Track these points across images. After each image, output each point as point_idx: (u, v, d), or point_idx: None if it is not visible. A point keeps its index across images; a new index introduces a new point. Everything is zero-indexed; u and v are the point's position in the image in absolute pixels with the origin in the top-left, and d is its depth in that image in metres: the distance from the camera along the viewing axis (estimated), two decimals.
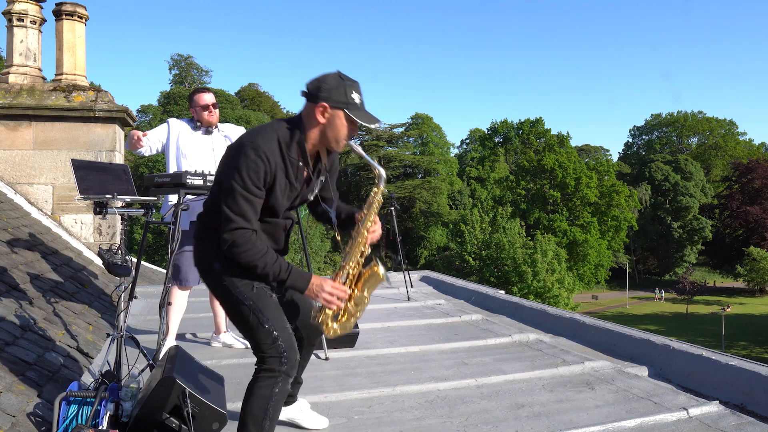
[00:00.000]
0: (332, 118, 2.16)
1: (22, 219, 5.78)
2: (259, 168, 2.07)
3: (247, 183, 2.07)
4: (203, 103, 4.08)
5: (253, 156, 2.07)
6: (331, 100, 2.14)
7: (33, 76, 6.83)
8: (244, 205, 2.08)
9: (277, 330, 2.17)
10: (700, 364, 3.49)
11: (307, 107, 2.19)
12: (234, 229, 2.08)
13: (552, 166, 52.32)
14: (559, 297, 32.42)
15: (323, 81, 2.16)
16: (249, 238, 2.09)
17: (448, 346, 4.33)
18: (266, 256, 2.11)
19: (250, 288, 2.19)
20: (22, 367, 3.00)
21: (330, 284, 2.19)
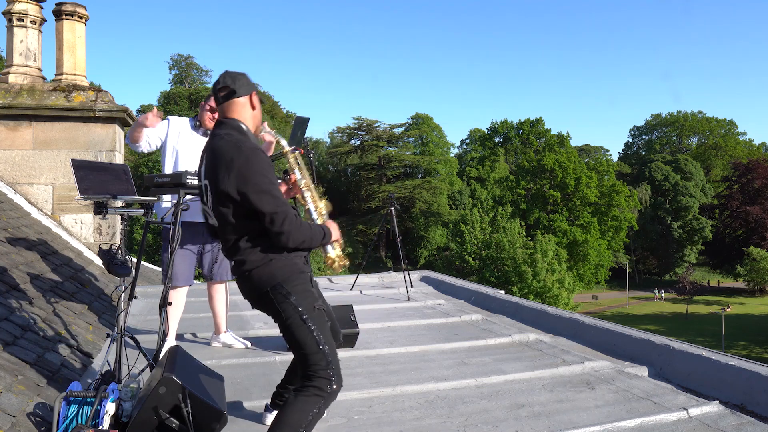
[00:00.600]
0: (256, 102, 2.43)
1: (22, 219, 5.78)
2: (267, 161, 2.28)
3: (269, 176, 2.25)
4: (211, 105, 4.10)
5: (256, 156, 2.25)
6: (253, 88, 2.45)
7: (33, 76, 6.83)
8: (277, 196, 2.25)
9: (331, 354, 2.29)
10: (700, 364, 3.49)
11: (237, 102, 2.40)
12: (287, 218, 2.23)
13: (552, 166, 52.33)
14: (559, 297, 32.42)
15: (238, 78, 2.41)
16: (294, 219, 2.27)
17: (448, 346, 4.33)
18: (311, 227, 2.36)
19: (312, 309, 2.31)
20: (22, 367, 3.00)
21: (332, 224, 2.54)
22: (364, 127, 58.01)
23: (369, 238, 51.68)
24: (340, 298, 6.15)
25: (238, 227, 2.31)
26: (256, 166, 2.23)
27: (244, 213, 2.28)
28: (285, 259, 2.31)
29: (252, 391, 3.34)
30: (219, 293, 4.25)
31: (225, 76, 2.42)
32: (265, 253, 2.30)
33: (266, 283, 2.30)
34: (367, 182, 56.90)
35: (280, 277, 2.29)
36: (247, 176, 2.23)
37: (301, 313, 2.28)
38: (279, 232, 2.23)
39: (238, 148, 2.27)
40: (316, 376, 2.25)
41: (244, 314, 5.37)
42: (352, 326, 4.20)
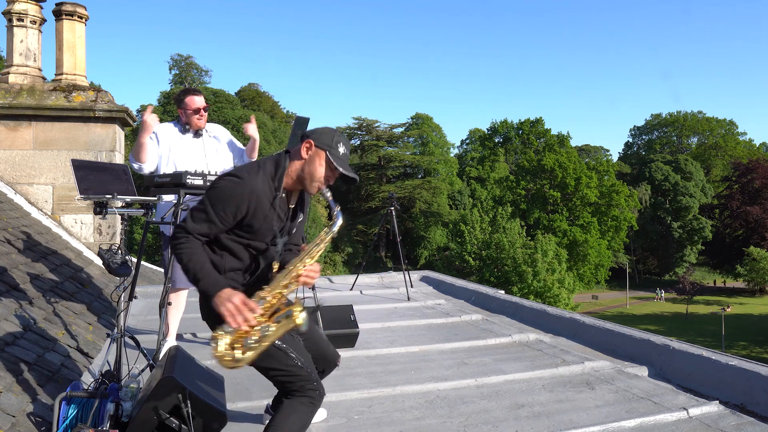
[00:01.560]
0: (314, 156, 2.26)
1: (22, 219, 5.78)
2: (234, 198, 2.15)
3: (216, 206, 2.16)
4: (195, 107, 4.02)
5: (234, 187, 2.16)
6: (317, 141, 2.26)
7: (33, 76, 6.83)
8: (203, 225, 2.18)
9: (307, 364, 2.28)
10: (700, 364, 3.49)
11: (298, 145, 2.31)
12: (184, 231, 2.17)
13: (552, 166, 52.33)
14: (560, 297, 32.42)
15: (318, 129, 2.33)
16: (189, 240, 2.16)
17: (448, 346, 4.33)
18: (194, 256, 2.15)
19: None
20: (22, 367, 3.00)
21: (241, 298, 2.08)
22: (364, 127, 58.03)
23: (369, 238, 51.67)
24: (340, 298, 6.15)
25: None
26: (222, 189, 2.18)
27: None
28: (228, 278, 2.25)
29: (252, 391, 3.34)
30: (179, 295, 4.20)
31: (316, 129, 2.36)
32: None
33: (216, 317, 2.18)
34: (367, 182, 56.87)
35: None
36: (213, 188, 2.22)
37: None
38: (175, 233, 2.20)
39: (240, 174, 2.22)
40: (306, 390, 2.25)
41: None
42: (352, 326, 4.19)
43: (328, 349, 2.55)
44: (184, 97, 4.07)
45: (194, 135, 4.10)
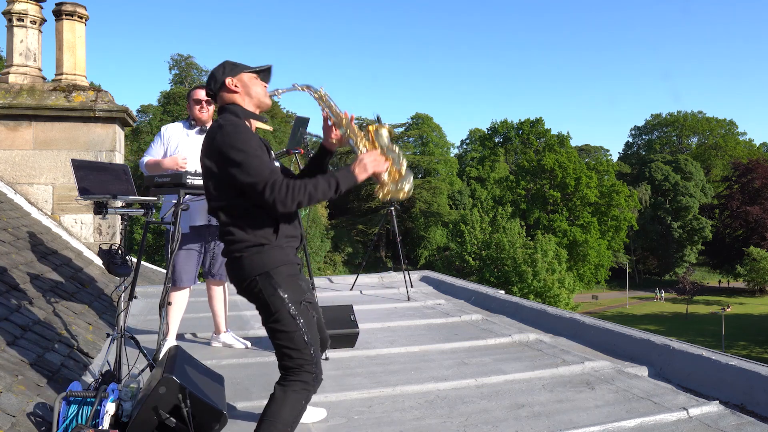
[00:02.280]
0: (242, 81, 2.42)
1: (22, 219, 5.78)
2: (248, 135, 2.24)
3: (249, 150, 2.19)
4: (195, 97, 4.12)
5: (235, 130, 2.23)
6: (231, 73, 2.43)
7: (33, 76, 6.83)
8: (260, 165, 2.17)
9: (315, 351, 2.27)
10: (700, 364, 3.49)
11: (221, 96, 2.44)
12: (268, 186, 2.15)
13: (552, 166, 52.33)
14: (560, 297, 32.43)
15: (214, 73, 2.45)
16: (283, 182, 2.16)
17: (448, 346, 4.33)
18: (309, 184, 2.20)
19: (299, 303, 2.24)
20: (22, 367, 2.99)
21: (366, 156, 2.31)
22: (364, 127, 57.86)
23: (369, 238, 51.67)
24: (340, 298, 6.15)
25: (227, 209, 2.28)
26: (228, 140, 2.20)
27: (232, 192, 2.24)
28: (276, 247, 2.25)
29: (252, 391, 3.34)
30: (218, 293, 4.25)
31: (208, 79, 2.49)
32: (256, 237, 2.24)
33: (254, 271, 2.23)
34: (367, 182, 56.61)
35: (269, 266, 2.23)
36: (226, 152, 2.20)
37: (289, 307, 2.22)
38: (264, 202, 2.17)
39: (214, 127, 2.30)
40: (302, 371, 2.23)
41: (244, 314, 5.37)
42: (352, 326, 4.20)
43: (324, 333, 2.60)
44: (191, 91, 4.20)
45: (199, 131, 4.14)
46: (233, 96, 2.41)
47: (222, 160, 2.21)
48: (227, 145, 2.20)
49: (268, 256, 2.23)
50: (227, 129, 2.24)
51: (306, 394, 2.24)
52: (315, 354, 2.26)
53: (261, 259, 2.23)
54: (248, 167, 2.16)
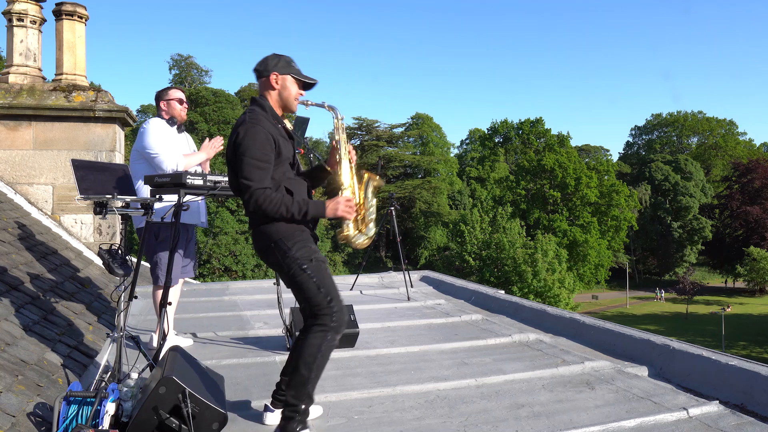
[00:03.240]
0: (284, 82, 2.72)
1: (22, 219, 5.78)
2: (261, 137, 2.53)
3: (255, 153, 2.51)
4: (179, 97, 4.12)
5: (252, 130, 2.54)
6: (280, 70, 2.72)
7: (33, 76, 6.83)
8: (254, 171, 2.51)
9: (330, 294, 2.57)
10: (700, 364, 3.49)
11: (262, 82, 2.75)
12: (249, 191, 2.51)
13: (552, 166, 52.31)
14: (560, 297, 32.43)
15: (268, 59, 2.73)
16: (263, 193, 2.51)
17: (448, 346, 4.33)
18: (284, 201, 2.53)
19: (310, 260, 2.58)
20: (22, 367, 3.00)
21: (342, 198, 2.64)
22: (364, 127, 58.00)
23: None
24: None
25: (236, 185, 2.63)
26: (244, 139, 2.53)
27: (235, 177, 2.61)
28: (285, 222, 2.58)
29: (252, 391, 3.34)
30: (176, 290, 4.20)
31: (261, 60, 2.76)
32: None
33: (269, 238, 2.60)
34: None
35: (282, 234, 2.58)
36: (236, 146, 2.55)
37: (299, 263, 2.56)
38: (245, 203, 2.54)
39: (239, 121, 2.62)
40: (320, 314, 2.55)
41: (244, 314, 5.37)
42: (352, 326, 4.19)
43: None
44: (167, 90, 4.19)
45: (179, 130, 4.16)
46: (269, 90, 2.73)
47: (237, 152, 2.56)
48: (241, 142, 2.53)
49: (280, 225, 2.58)
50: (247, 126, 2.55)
51: (324, 334, 2.53)
52: (331, 297, 2.55)
53: (275, 228, 2.58)
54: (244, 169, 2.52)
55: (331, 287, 2.58)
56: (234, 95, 50.75)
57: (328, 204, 2.61)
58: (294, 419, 2.56)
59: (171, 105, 4.12)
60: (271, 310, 5.34)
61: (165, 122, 4.13)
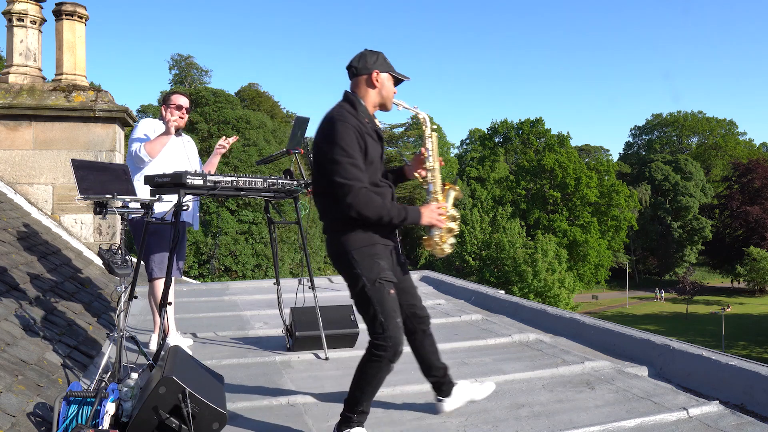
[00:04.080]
0: (383, 81, 2.65)
1: (22, 219, 5.78)
2: (352, 135, 2.46)
3: (349, 150, 2.44)
4: (178, 103, 4.14)
5: (343, 128, 2.46)
6: (380, 67, 2.65)
7: (33, 76, 6.83)
8: (352, 170, 2.43)
9: (388, 323, 2.52)
10: (700, 364, 3.48)
11: (359, 80, 2.65)
12: (352, 191, 2.42)
13: (552, 166, 52.31)
14: (560, 297, 32.42)
15: (366, 56, 2.65)
16: (365, 194, 2.44)
17: (448, 346, 4.33)
18: (385, 205, 2.49)
19: (374, 282, 2.52)
20: (22, 367, 2.99)
21: (434, 206, 2.64)
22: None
23: None
24: (340, 298, 6.14)
25: (321, 188, 2.60)
26: (334, 136, 2.45)
27: (323, 178, 2.54)
28: (361, 231, 2.52)
29: (252, 391, 3.33)
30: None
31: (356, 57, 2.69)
32: (345, 220, 2.52)
33: (339, 249, 2.56)
34: None
35: (351, 247, 2.52)
36: (325, 144, 2.49)
37: (363, 282, 2.51)
38: (344, 203, 2.44)
39: (327, 117, 2.55)
40: (375, 340, 2.54)
41: (244, 314, 5.37)
42: (352, 326, 4.19)
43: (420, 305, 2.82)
44: (171, 95, 4.23)
45: (176, 134, 4.16)
46: (368, 88, 2.65)
47: (325, 152, 2.49)
48: (331, 139, 2.47)
49: (352, 237, 2.53)
50: (337, 125, 2.48)
51: (378, 364, 2.53)
52: (387, 327, 2.50)
53: (346, 239, 2.53)
54: (341, 168, 2.43)
55: (390, 314, 2.52)
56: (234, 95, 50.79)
57: (423, 211, 2.61)
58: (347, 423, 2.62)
59: (170, 111, 4.15)
60: (271, 310, 5.34)
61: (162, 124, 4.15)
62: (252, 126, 37.03)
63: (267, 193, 3.71)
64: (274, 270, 4.47)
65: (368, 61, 2.63)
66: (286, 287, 4.74)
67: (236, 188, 3.49)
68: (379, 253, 2.55)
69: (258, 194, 3.69)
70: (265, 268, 32.63)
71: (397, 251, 2.72)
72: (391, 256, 2.63)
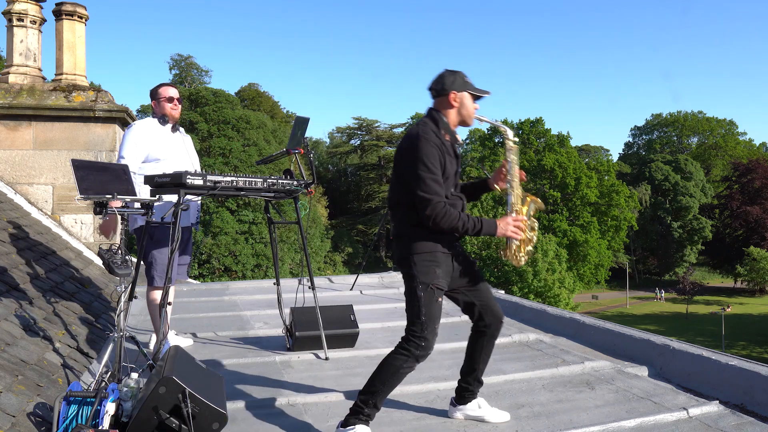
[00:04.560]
0: (462, 99, 2.76)
1: (22, 219, 5.78)
2: (434, 152, 2.62)
3: (430, 167, 2.60)
4: (168, 95, 4.02)
5: (426, 146, 2.62)
6: (458, 88, 2.75)
7: (33, 76, 6.83)
8: (433, 185, 2.60)
9: (428, 325, 2.68)
10: (700, 364, 3.49)
11: (439, 100, 2.78)
12: (431, 205, 2.59)
13: (552, 166, 52.29)
14: (560, 297, 32.41)
15: (444, 77, 2.77)
16: (444, 207, 2.60)
17: (448, 346, 4.33)
18: (461, 217, 2.63)
19: (427, 286, 2.68)
20: (22, 367, 3.00)
21: (511, 219, 2.74)
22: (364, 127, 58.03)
23: (369, 238, 51.66)
24: (340, 298, 6.15)
25: (398, 198, 2.75)
26: (418, 153, 2.61)
27: (402, 189, 2.70)
28: (423, 237, 2.68)
29: (252, 391, 3.34)
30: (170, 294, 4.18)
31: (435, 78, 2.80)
32: (411, 226, 2.70)
33: (402, 251, 2.74)
34: (367, 182, 56.86)
35: (413, 251, 2.68)
36: (409, 159, 2.64)
37: (416, 285, 2.68)
38: (423, 215, 2.61)
39: (412, 134, 2.69)
40: (411, 338, 2.67)
41: (244, 314, 5.37)
42: (352, 326, 4.20)
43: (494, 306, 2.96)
44: (158, 88, 4.09)
45: (172, 129, 4.07)
46: (447, 108, 2.77)
47: (406, 165, 2.66)
48: (415, 155, 2.62)
49: (414, 242, 2.69)
50: (421, 142, 2.62)
51: (405, 358, 2.66)
52: (427, 329, 2.66)
53: (409, 243, 2.70)
54: (423, 183, 2.60)
55: (432, 319, 2.68)
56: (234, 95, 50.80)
57: (499, 223, 2.71)
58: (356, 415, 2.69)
59: (161, 104, 4.03)
60: (271, 310, 5.34)
61: (156, 122, 4.04)
62: (252, 126, 37.03)
63: (267, 193, 3.71)
64: (274, 270, 4.47)
65: (445, 83, 2.75)
66: (286, 287, 4.74)
67: (236, 188, 3.50)
68: (438, 260, 2.70)
69: (258, 194, 3.68)
70: (265, 268, 32.62)
71: (464, 257, 2.85)
72: (452, 263, 2.78)
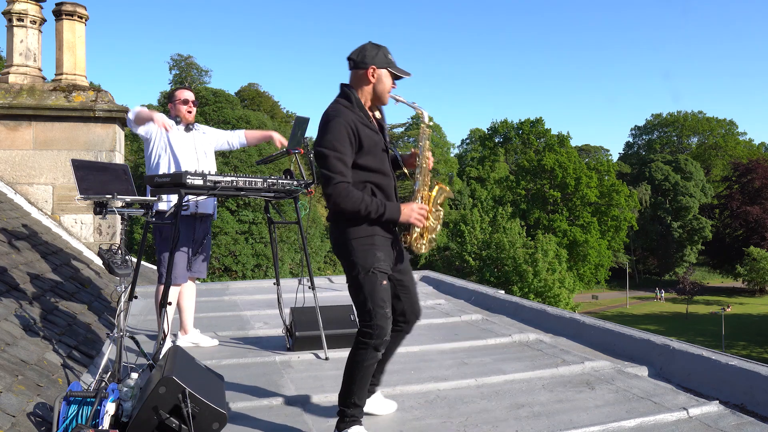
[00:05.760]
0: (380, 76, 2.66)
1: (22, 219, 5.78)
2: (342, 131, 2.52)
3: (336, 145, 2.51)
4: (183, 98, 4.15)
5: (333, 123, 2.53)
6: (377, 63, 2.64)
7: (33, 76, 6.83)
8: (336, 164, 2.50)
9: (376, 312, 2.57)
10: (700, 364, 3.49)
11: (356, 73, 2.68)
12: (332, 184, 2.49)
13: (552, 166, 52.28)
14: (560, 297, 32.40)
15: (367, 50, 2.66)
16: (346, 188, 2.51)
17: (448, 346, 4.33)
18: (364, 200, 2.52)
19: (368, 271, 2.57)
20: (22, 367, 3.00)
21: (416, 205, 2.66)
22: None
23: None
24: (340, 298, 6.14)
25: None
26: (324, 130, 2.54)
27: None
28: (362, 222, 2.57)
29: (252, 391, 3.34)
30: (189, 289, 4.20)
31: (357, 49, 2.69)
32: None
33: (340, 238, 2.62)
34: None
35: (351, 236, 2.58)
36: (320, 137, 2.56)
37: (358, 271, 2.57)
38: (324, 193, 2.52)
39: (324, 114, 2.62)
40: (363, 330, 2.58)
41: (244, 314, 5.37)
42: (352, 326, 4.19)
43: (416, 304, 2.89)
44: (174, 91, 4.26)
45: (185, 129, 4.15)
46: (363, 84, 2.67)
47: (314, 144, 2.60)
48: (321, 133, 2.56)
49: (351, 226, 2.58)
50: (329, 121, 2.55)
51: (364, 352, 2.58)
52: (375, 316, 2.55)
53: (348, 229, 2.59)
54: (326, 161, 2.51)
55: (379, 303, 2.57)
56: (234, 95, 50.78)
57: (403, 209, 2.63)
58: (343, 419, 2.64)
59: (176, 106, 4.19)
60: (271, 310, 5.34)
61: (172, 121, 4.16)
62: (252, 126, 37.03)
63: (267, 193, 3.71)
64: (274, 270, 4.47)
65: (367, 56, 2.64)
66: (286, 287, 4.74)
67: (236, 188, 3.50)
68: (377, 244, 2.60)
69: (258, 194, 3.68)
70: (265, 268, 32.61)
71: (399, 245, 2.75)
72: (391, 248, 2.68)
